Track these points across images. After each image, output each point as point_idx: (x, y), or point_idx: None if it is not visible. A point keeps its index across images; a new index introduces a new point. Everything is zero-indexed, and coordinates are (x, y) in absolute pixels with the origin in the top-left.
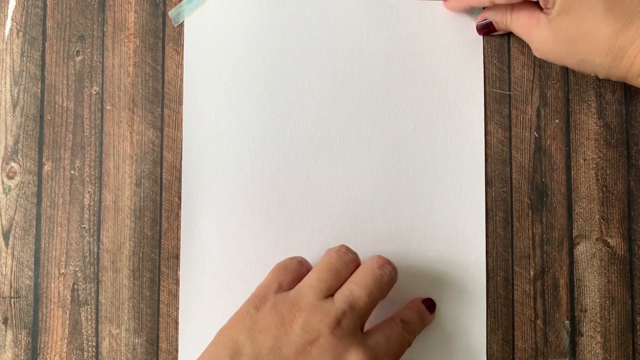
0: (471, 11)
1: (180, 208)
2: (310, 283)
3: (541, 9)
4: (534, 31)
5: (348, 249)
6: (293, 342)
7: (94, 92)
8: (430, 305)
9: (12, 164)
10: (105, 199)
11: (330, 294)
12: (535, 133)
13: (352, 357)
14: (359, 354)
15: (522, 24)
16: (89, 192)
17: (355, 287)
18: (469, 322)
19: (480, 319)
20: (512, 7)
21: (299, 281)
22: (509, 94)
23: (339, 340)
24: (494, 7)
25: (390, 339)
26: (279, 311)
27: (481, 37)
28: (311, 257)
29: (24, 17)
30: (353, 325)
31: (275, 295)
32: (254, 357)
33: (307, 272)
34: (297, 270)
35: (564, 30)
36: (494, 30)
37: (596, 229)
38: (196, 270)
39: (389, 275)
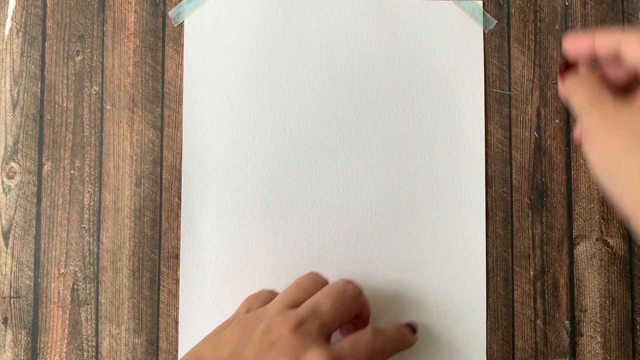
0: None
1: (180, 208)
2: (277, 298)
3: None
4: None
5: (318, 273)
6: (253, 344)
7: (94, 92)
8: (411, 329)
9: (12, 163)
10: (105, 199)
11: (296, 307)
12: (535, 133)
13: (311, 356)
14: (318, 354)
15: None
16: (88, 192)
17: (319, 297)
18: (469, 322)
19: (480, 319)
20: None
21: None
22: (509, 94)
23: (299, 340)
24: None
25: (357, 342)
26: (243, 324)
27: (481, 37)
28: (311, 257)
29: (24, 17)
30: (316, 328)
31: (244, 315)
32: None
33: None
34: (268, 297)
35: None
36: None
37: (596, 229)
38: (196, 270)
39: (352, 291)
